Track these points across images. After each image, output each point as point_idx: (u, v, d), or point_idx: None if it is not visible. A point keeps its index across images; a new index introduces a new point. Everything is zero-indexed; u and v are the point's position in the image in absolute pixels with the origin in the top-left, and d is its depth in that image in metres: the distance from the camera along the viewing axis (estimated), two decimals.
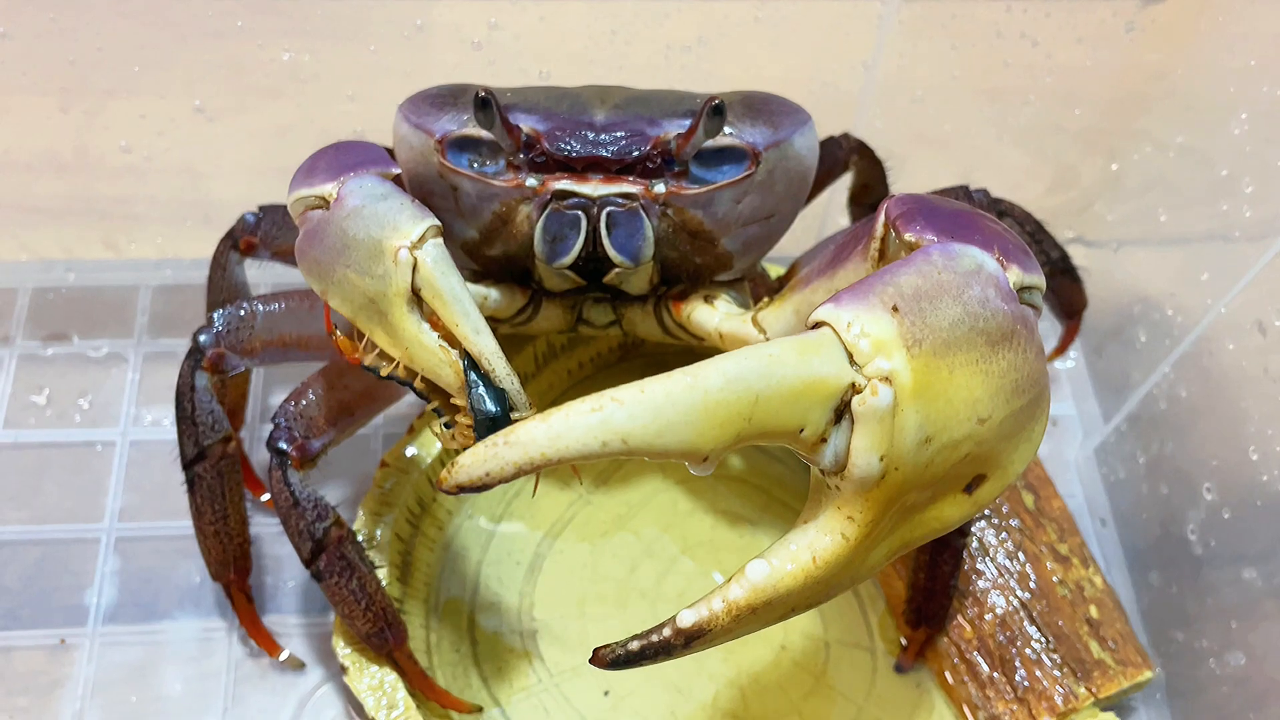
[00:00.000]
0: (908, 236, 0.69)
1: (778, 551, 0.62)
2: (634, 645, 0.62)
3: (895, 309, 0.61)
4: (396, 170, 0.79)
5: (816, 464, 0.62)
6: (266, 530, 1.03)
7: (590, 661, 0.63)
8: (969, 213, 0.71)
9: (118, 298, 1.20)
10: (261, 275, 1.09)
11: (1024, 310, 0.66)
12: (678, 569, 1.00)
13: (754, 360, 0.58)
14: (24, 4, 1.05)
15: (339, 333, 0.77)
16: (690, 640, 0.62)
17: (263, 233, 1.00)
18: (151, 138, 1.14)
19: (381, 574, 0.91)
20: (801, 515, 0.64)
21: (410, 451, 0.99)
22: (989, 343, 0.63)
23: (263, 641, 0.97)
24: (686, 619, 0.61)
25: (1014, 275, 0.67)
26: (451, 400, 0.73)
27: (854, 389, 0.60)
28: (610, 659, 0.62)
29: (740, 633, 0.63)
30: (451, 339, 0.73)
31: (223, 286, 1.02)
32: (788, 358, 0.59)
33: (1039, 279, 0.69)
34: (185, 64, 1.11)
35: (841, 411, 0.60)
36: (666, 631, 0.62)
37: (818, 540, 0.62)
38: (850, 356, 0.60)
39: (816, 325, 0.61)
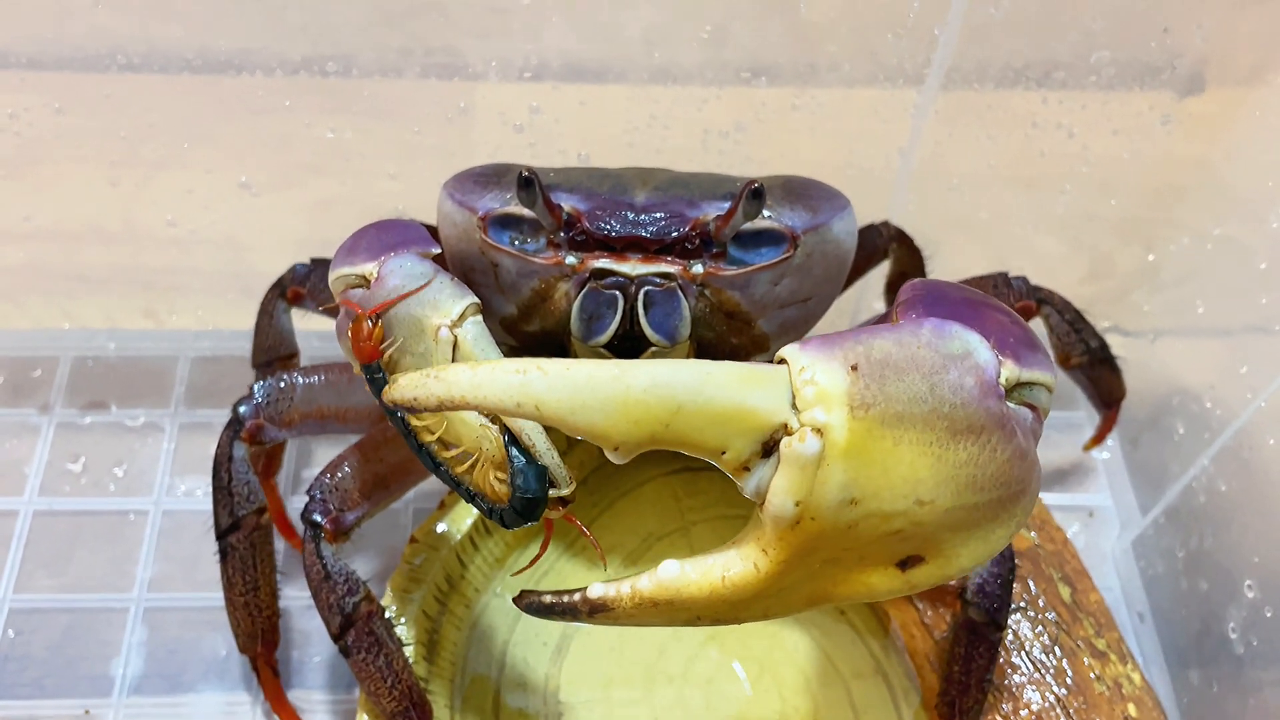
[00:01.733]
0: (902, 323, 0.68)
1: (695, 561, 0.64)
2: (548, 599, 0.68)
3: (855, 368, 0.61)
4: (437, 249, 0.80)
5: (742, 490, 0.63)
6: (294, 604, 1.03)
7: (513, 600, 0.70)
8: (979, 301, 0.69)
9: (157, 368, 1.21)
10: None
11: (1007, 409, 0.64)
12: (706, 654, 0.99)
13: (687, 372, 0.60)
14: (79, 80, 1.08)
15: (367, 323, 0.76)
16: (594, 611, 0.66)
17: (311, 285, 1.01)
18: (197, 211, 1.16)
19: (408, 652, 0.90)
20: (735, 537, 0.65)
21: (440, 528, 0.99)
22: (950, 430, 0.62)
23: (287, 717, 0.97)
24: (595, 591, 0.66)
25: (1008, 370, 0.65)
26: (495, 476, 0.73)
27: (786, 430, 0.60)
28: (525, 604, 0.69)
29: (643, 622, 0.66)
30: (492, 415, 0.73)
31: (269, 333, 1.05)
32: (723, 381, 0.60)
33: (1042, 375, 0.67)
34: (233, 140, 1.13)
35: (771, 448, 0.61)
36: (577, 597, 0.67)
37: (731, 563, 0.64)
38: (794, 398, 0.60)
39: (781, 360, 0.62)
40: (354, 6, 1.05)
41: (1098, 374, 1.09)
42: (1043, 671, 0.96)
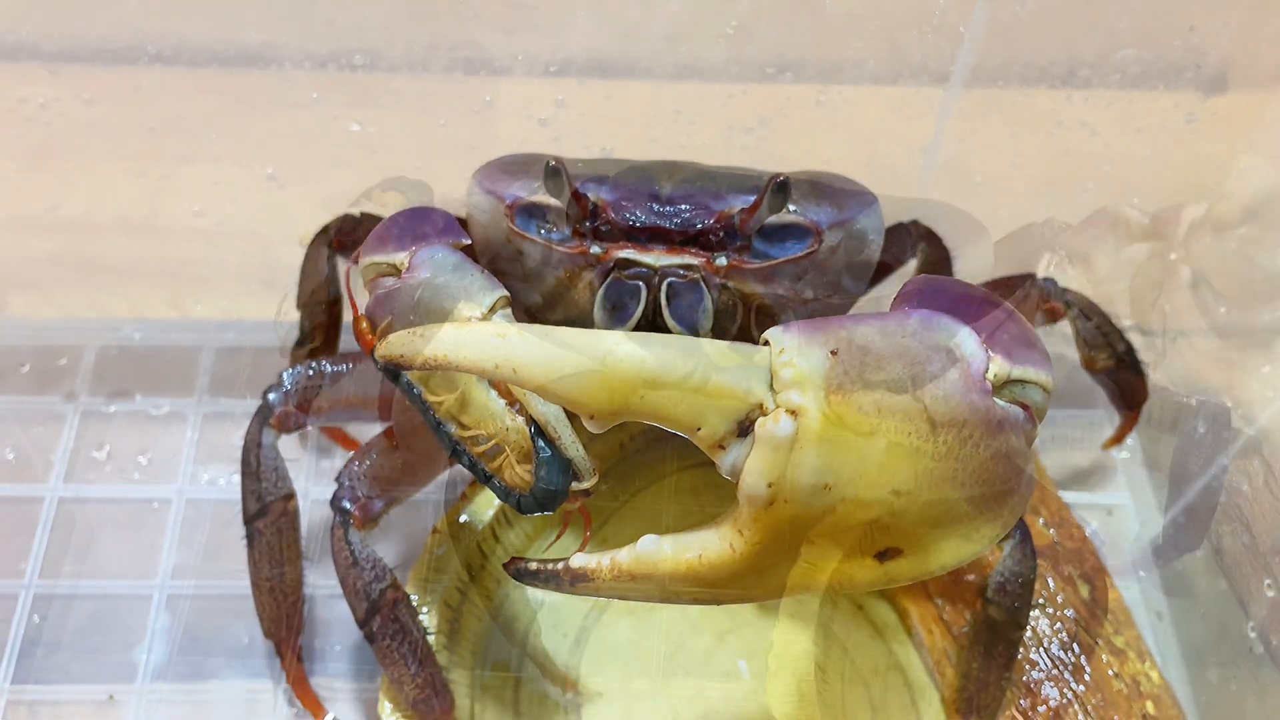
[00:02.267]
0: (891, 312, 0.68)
1: (675, 538, 0.65)
2: (532, 565, 0.69)
3: (835, 352, 0.61)
4: (466, 240, 0.81)
5: (719, 469, 0.63)
6: (317, 592, 1.03)
7: (503, 566, 0.71)
8: (978, 297, 0.68)
9: (181, 358, 1.22)
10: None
11: (994, 405, 0.62)
12: (723, 647, 0.99)
13: (664, 347, 0.60)
14: (110, 74, 1.09)
15: (365, 322, 0.77)
16: (575, 581, 0.67)
17: (356, 237, 1.02)
18: (223, 203, 1.17)
19: (430, 640, 0.91)
20: (717, 517, 0.65)
21: (463, 519, 1.00)
22: (930, 422, 0.61)
23: (309, 702, 0.97)
24: (577, 561, 0.67)
25: (998, 366, 0.63)
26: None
27: (762, 410, 0.60)
28: (513, 570, 0.70)
29: (622, 594, 0.67)
30: (518, 405, 0.73)
31: (312, 276, 1.06)
32: (700, 358, 0.60)
33: (1036, 374, 0.65)
34: (259, 133, 1.14)
35: (748, 428, 0.61)
36: (559, 566, 0.68)
37: (709, 542, 0.64)
38: (772, 380, 0.60)
39: (765, 342, 0.62)
40: (381, 1, 1.06)
41: (1123, 378, 1.08)
42: (1061, 668, 0.97)
